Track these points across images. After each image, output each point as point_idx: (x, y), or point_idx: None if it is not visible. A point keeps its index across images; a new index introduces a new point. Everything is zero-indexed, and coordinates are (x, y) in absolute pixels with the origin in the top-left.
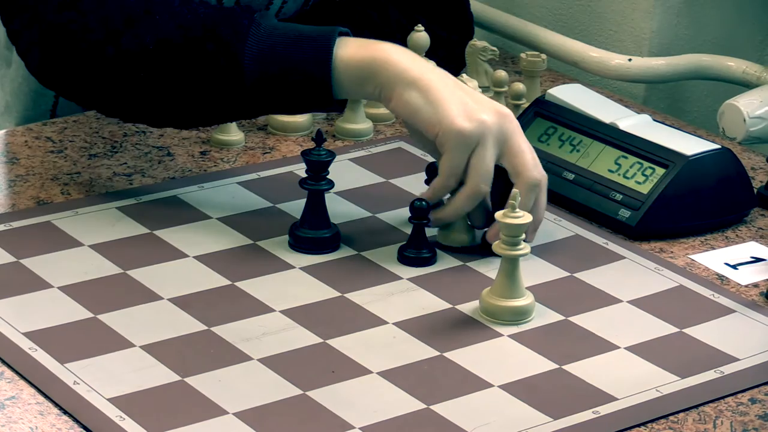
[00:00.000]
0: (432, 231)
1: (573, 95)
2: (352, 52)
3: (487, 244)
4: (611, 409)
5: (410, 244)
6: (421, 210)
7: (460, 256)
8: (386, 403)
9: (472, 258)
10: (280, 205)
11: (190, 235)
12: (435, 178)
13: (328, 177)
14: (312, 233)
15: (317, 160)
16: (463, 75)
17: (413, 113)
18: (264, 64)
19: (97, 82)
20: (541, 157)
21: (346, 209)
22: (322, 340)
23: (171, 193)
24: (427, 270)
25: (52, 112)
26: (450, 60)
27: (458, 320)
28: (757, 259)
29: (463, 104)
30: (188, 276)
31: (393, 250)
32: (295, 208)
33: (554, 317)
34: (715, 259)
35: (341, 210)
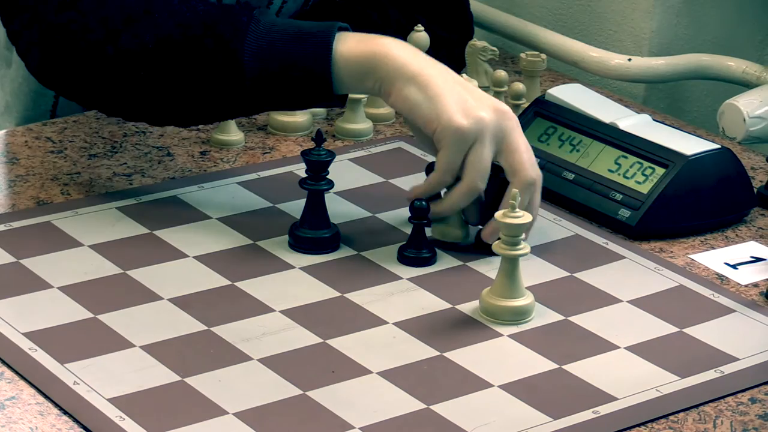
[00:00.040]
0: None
1: (573, 95)
2: (351, 47)
3: (481, 242)
4: (611, 409)
5: (410, 244)
6: (421, 210)
7: (460, 256)
8: (386, 403)
9: (472, 258)
10: (280, 205)
11: (190, 235)
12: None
13: (328, 177)
14: (312, 233)
15: (317, 160)
16: (463, 75)
17: (412, 108)
18: (264, 61)
19: (97, 81)
20: (541, 157)
21: (346, 209)
22: (322, 340)
23: (171, 193)
24: (427, 270)
25: (52, 112)
26: (450, 60)
27: (458, 320)
28: (757, 259)
29: (461, 101)
30: (188, 276)
31: (393, 250)
32: (295, 208)
33: (554, 317)
34: (715, 258)
35: (341, 210)
